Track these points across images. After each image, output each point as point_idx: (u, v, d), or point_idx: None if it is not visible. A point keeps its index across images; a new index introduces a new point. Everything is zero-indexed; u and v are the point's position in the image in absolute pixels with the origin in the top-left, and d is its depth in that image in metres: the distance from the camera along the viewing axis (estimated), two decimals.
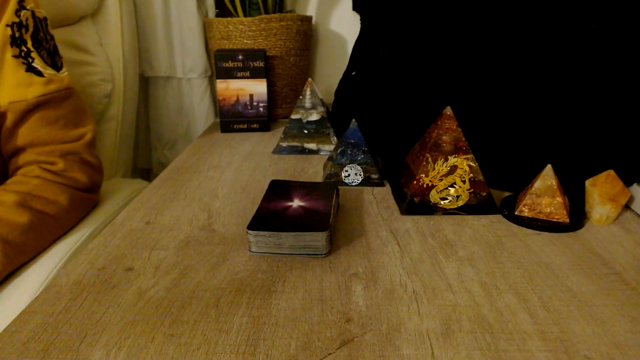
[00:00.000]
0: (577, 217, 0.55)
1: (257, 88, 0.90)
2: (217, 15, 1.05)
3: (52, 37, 0.69)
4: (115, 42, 0.94)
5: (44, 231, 0.60)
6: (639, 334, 0.37)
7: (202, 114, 1.14)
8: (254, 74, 0.89)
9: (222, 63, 0.88)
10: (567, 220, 0.54)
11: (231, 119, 0.92)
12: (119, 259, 0.47)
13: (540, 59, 0.61)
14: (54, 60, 0.68)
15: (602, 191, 0.54)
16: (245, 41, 0.93)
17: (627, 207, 0.59)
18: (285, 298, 0.41)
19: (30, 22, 0.65)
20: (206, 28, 1.00)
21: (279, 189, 0.57)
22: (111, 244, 0.50)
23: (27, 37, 0.64)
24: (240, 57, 0.87)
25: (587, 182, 0.56)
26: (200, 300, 0.41)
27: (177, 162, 0.76)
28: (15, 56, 0.63)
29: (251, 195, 0.63)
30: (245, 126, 0.93)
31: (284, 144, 0.80)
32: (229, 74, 0.88)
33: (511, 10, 0.63)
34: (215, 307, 0.40)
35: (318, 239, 0.47)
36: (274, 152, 0.80)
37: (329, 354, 0.34)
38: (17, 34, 0.63)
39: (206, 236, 0.52)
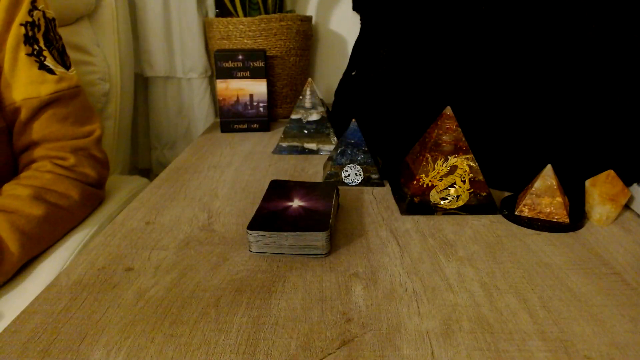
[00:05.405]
0: (577, 217, 0.55)
1: (257, 88, 0.90)
2: (217, 15, 1.05)
3: (60, 37, 0.70)
4: (112, 42, 0.94)
5: (57, 224, 0.61)
6: (639, 334, 0.37)
7: (202, 114, 1.14)
8: (254, 74, 0.89)
9: (222, 63, 0.88)
10: (567, 220, 0.54)
11: (231, 119, 0.92)
12: (119, 259, 0.47)
13: (540, 59, 0.61)
14: (63, 59, 0.69)
15: (602, 191, 0.54)
16: (245, 41, 0.93)
17: (627, 207, 0.59)
18: (285, 298, 0.41)
19: (42, 22, 0.66)
20: (206, 28, 1.00)
21: (279, 189, 0.57)
22: (111, 244, 0.50)
23: (39, 37, 0.65)
24: (240, 57, 0.87)
25: (587, 182, 0.56)
26: (200, 300, 0.41)
27: (177, 162, 0.76)
28: (28, 54, 0.64)
29: (251, 195, 0.63)
30: (245, 126, 0.93)
31: (284, 144, 0.80)
32: (229, 74, 0.88)
33: (511, 10, 0.63)
34: (215, 307, 0.40)
35: (318, 239, 0.47)
36: (274, 152, 0.80)
37: (329, 354, 0.34)
38: (30, 33, 0.64)
39: (206, 236, 0.52)
